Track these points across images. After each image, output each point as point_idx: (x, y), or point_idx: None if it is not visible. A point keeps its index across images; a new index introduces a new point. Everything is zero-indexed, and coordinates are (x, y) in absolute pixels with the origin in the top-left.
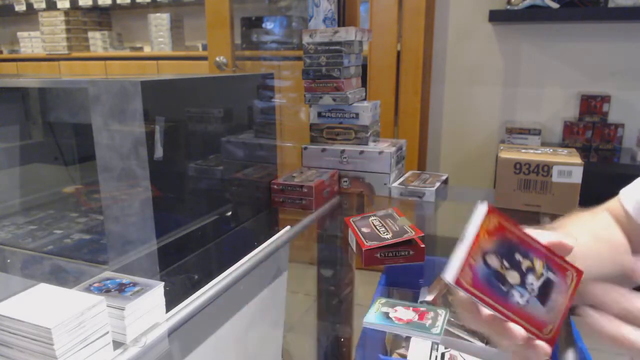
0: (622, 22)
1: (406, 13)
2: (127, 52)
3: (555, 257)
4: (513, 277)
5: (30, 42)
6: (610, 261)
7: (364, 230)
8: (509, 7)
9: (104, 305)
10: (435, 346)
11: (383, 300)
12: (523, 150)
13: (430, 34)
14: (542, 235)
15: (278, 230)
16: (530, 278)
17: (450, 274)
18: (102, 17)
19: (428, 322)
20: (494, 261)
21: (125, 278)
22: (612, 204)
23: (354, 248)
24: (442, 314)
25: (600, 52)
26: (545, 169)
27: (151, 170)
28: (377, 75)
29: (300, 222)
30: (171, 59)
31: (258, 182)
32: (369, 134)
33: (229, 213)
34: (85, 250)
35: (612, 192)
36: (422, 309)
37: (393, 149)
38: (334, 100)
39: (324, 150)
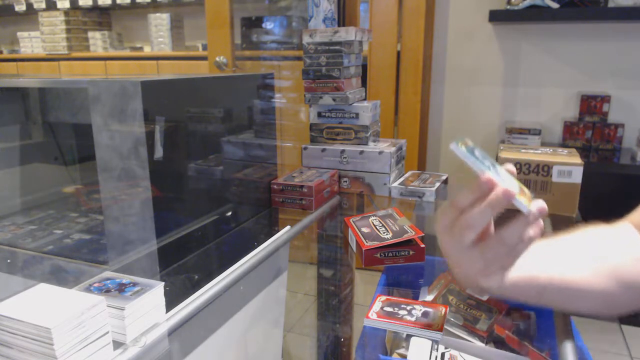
0: (622, 22)
1: (406, 13)
2: (127, 52)
3: None
4: None
5: (30, 42)
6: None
7: (364, 230)
8: (509, 7)
9: (104, 305)
10: (435, 346)
11: None
12: (523, 150)
13: (430, 34)
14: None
15: (278, 230)
16: None
17: None
18: (102, 17)
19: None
20: None
21: (125, 278)
22: (636, 215)
23: (354, 248)
24: (442, 312)
25: (600, 52)
26: (545, 169)
27: (151, 170)
28: (377, 75)
29: (300, 222)
30: (171, 59)
31: (258, 182)
32: (369, 134)
33: (229, 213)
34: (85, 250)
35: (612, 192)
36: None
37: (393, 149)
38: (334, 100)
39: (324, 150)
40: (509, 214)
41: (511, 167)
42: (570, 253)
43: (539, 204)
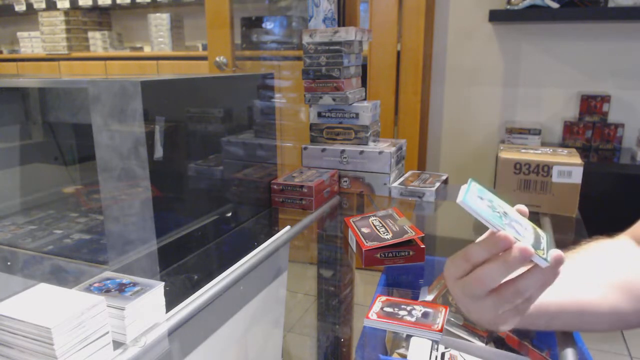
0: (622, 22)
1: (406, 13)
2: (127, 52)
3: None
4: None
5: (30, 42)
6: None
7: (364, 230)
8: (509, 7)
9: (104, 305)
10: (435, 346)
11: None
12: (523, 150)
13: (430, 34)
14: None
15: (278, 230)
16: None
17: None
18: (102, 17)
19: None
20: None
21: (125, 278)
22: (636, 229)
23: (354, 248)
24: (442, 312)
25: (600, 52)
26: (545, 169)
27: (151, 170)
28: (377, 75)
29: (300, 222)
30: (171, 59)
31: (258, 182)
32: (369, 134)
33: (229, 213)
34: (85, 250)
35: (612, 192)
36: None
37: (393, 149)
38: (334, 100)
39: (324, 150)
40: None
41: (523, 207)
42: (577, 275)
43: (556, 255)
